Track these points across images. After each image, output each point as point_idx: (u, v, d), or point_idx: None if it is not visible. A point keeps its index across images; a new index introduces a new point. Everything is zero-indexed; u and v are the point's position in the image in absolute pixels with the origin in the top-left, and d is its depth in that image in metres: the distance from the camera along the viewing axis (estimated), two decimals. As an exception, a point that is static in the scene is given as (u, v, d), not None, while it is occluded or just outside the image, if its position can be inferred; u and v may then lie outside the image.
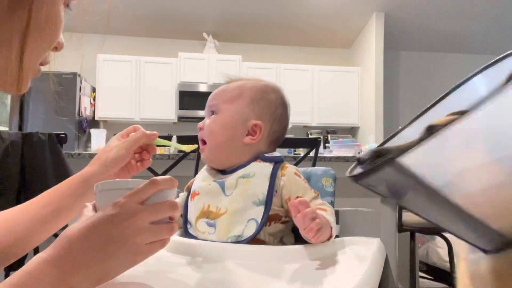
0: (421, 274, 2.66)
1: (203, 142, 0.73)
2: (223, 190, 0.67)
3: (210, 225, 0.64)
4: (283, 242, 0.66)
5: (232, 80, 0.77)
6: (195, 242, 0.59)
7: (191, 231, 0.66)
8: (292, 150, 3.71)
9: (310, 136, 5.16)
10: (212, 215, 0.65)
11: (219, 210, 0.65)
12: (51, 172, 1.49)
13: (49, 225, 0.62)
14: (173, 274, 0.50)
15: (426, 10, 4.79)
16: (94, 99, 4.76)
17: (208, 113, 0.74)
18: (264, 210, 0.63)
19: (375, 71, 4.93)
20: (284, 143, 0.90)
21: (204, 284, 0.47)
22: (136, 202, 0.44)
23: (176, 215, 0.47)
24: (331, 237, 0.60)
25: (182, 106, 4.83)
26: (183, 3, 4.61)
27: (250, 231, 0.62)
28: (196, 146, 0.74)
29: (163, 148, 2.65)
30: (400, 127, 0.52)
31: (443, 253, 2.54)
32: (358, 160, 0.43)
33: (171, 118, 4.90)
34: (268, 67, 5.10)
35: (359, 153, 2.96)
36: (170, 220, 0.47)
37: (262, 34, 5.34)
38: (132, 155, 0.69)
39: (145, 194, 0.45)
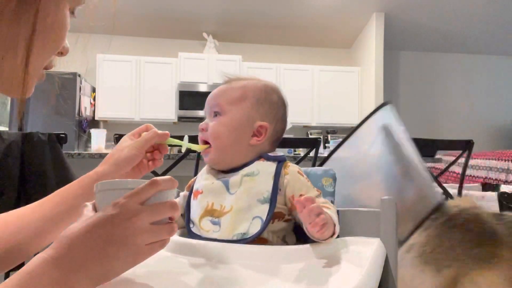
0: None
1: (205, 143, 0.73)
2: (227, 189, 0.67)
3: (215, 223, 0.64)
4: (285, 241, 0.67)
5: (231, 79, 0.77)
6: (196, 242, 0.59)
7: (194, 230, 0.66)
8: (292, 150, 3.71)
9: (310, 136, 5.16)
10: (217, 213, 0.65)
11: (224, 208, 0.65)
12: (51, 172, 1.49)
13: (60, 224, 0.62)
14: (173, 274, 0.50)
15: (426, 10, 4.79)
16: (94, 99, 4.76)
17: (211, 114, 0.74)
18: (269, 208, 0.64)
19: (375, 71, 4.93)
20: (284, 143, 0.90)
21: (205, 284, 0.47)
22: (136, 203, 0.44)
23: (176, 215, 0.47)
24: (334, 234, 0.60)
25: (182, 106, 4.84)
26: (183, 3, 4.61)
27: (255, 228, 0.62)
28: (208, 146, 0.72)
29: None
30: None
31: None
32: None
33: (171, 118, 4.90)
34: (268, 67, 5.10)
35: (359, 153, 2.96)
36: (170, 220, 0.47)
37: (262, 34, 5.34)
38: (144, 154, 0.69)
39: (145, 194, 0.45)
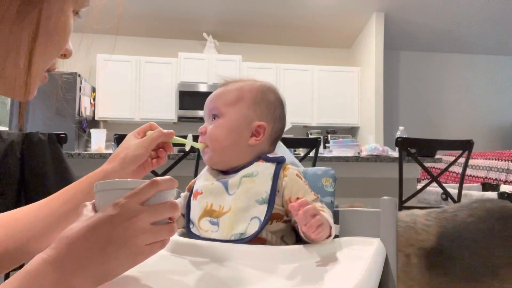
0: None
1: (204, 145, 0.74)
2: (226, 189, 0.68)
3: (213, 223, 0.65)
4: (284, 241, 0.67)
5: (227, 82, 0.78)
6: (196, 242, 0.59)
7: (193, 230, 0.67)
8: (292, 150, 3.71)
9: (310, 136, 5.16)
10: (215, 214, 0.66)
11: (222, 209, 0.65)
12: (51, 172, 1.49)
13: (68, 222, 0.62)
14: (173, 274, 0.50)
15: (426, 10, 4.80)
16: (94, 99, 4.76)
17: (209, 117, 0.75)
18: (267, 209, 0.64)
19: (375, 71, 4.93)
20: (284, 143, 0.90)
21: (204, 284, 0.47)
22: (136, 203, 0.44)
23: (176, 215, 0.47)
24: (330, 236, 0.61)
25: (182, 106, 4.84)
26: (183, 3, 4.61)
27: (253, 228, 0.62)
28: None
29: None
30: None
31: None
32: None
33: (171, 118, 4.90)
34: (268, 67, 5.10)
35: (359, 153, 2.96)
36: (170, 220, 0.47)
37: (262, 34, 5.34)
38: (150, 153, 0.70)
39: (145, 194, 0.45)
